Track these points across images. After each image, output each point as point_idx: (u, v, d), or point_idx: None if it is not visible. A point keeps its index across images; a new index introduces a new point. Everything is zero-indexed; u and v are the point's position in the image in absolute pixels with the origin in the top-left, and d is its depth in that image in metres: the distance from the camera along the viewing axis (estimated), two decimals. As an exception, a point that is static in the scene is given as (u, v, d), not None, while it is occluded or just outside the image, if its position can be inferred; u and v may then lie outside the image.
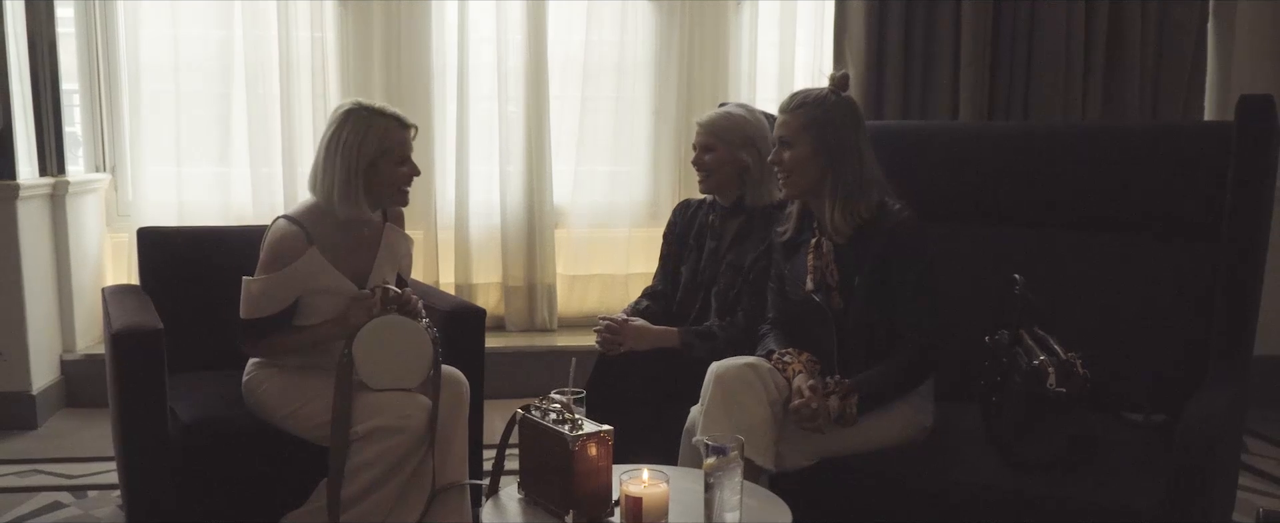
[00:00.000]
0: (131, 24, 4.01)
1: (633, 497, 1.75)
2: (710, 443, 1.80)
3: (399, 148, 2.43)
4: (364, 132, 2.39)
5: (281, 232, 2.41)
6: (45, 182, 3.78)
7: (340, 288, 2.43)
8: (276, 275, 2.38)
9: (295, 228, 2.41)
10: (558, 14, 4.24)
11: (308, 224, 2.42)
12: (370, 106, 2.44)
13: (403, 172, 2.45)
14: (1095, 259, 2.57)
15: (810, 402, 2.18)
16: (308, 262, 2.39)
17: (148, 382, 2.36)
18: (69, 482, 3.19)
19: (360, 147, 2.38)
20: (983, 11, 3.90)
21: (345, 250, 2.47)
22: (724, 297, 2.69)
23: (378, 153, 2.40)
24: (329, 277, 2.42)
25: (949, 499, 2.19)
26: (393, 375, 2.39)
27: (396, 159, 2.43)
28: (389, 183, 2.44)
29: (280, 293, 2.40)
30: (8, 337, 3.67)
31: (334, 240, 2.44)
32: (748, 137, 2.68)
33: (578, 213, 4.41)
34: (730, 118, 2.72)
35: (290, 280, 2.39)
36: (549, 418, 1.89)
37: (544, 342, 4.24)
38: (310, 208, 2.46)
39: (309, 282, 2.40)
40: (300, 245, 2.39)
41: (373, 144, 2.39)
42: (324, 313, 2.44)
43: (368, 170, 2.40)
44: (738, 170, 2.70)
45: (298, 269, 2.38)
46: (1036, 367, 2.12)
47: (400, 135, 2.44)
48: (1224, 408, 2.08)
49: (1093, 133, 2.82)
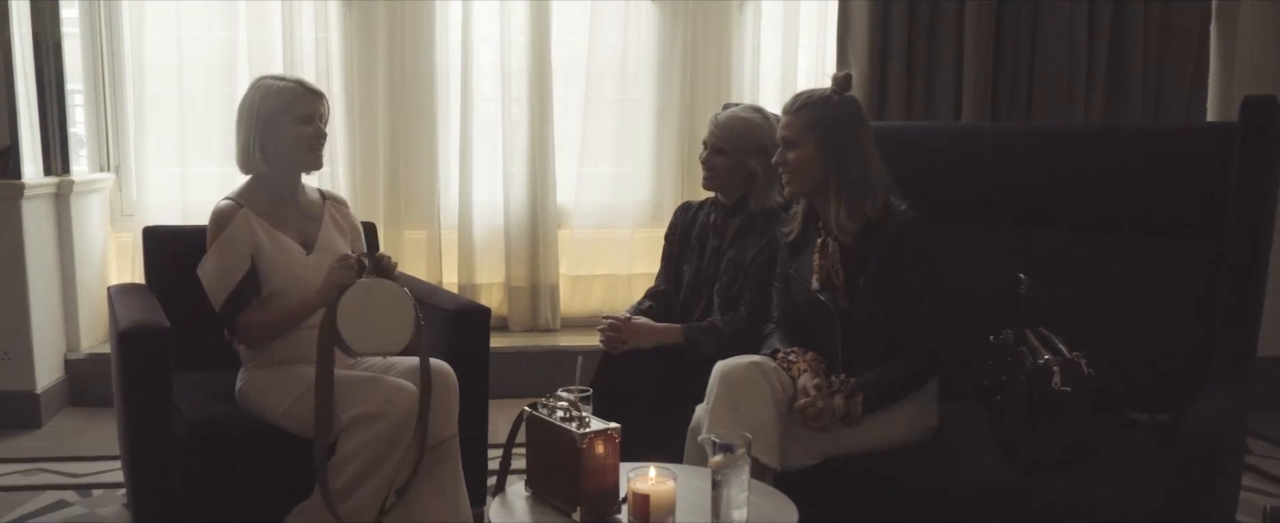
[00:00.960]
0: (136, 24, 4.01)
1: (640, 494, 1.76)
2: (718, 441, 1.80)
3: (299, 106, 2.50)
4: (262, 94, 2.50)
5: (216, 209, 2.53)
6: (50, 181, 3.79)
7: (285, 247, 2.52)
8: (220, 242, 2.47)
9: (226, 201, 2.53)
10: (561, 15, 4.25)
11: (239, 196, 2.54)
12: (273, 75, 2.58)
13: (307, 131, 2.51)
14: (1099, 259, 2.58)
15: (816, 401, 2.19)
16: (241, 222, 2.48)
17: (154, 380, 2.36)
18: (73, 481, 3.19)
19: (259, 107, 2.49)
20: (986, 12, 3.91)
21: (284, 218, 2.56)
22: (726, 293, 2.70)
23: (276, 112, 2.48)
24: (270, 236, 2.50)
25: (954, 498, 2.19)
26: (376, 340, 2.35)
27: (298, 118, 2.50)
28: (292, 140, 2.50)
29: (229, 262, 2.47)
30: (13, 336, 3.68)
31: (268, 209, 2.54)
32: (761, 144, 2.68)
33: (581, 213, 4.42)
34: (748, 124, 2.72)
35: (232, 245, 2.47)
36: (556, 416, 1.90)
37: (547, 342, 4.25)
38: (242, 187, 2.59)
39: (253, 243, 2.48)
40: (232, 211, 2.49)
41: (271, 103, 2.49)
42: (285, 277, 2.49)
43: (265, 129, 2.49)
44: (745, 175, 2.71)
45: (234, 232, 2.47)
46: (1042, 366, 2.12)
47: (302, 96, 2.51)
48: (1228, 408, 2.09)
49: (1097, 133, 2.84)
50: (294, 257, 2.53)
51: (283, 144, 2.50)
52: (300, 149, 2.52)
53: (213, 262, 2.48)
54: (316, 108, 2.53)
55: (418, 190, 4.23)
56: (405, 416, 2.37)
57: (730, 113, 2.76)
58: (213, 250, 2.48)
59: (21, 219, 3.62)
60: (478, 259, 4.32)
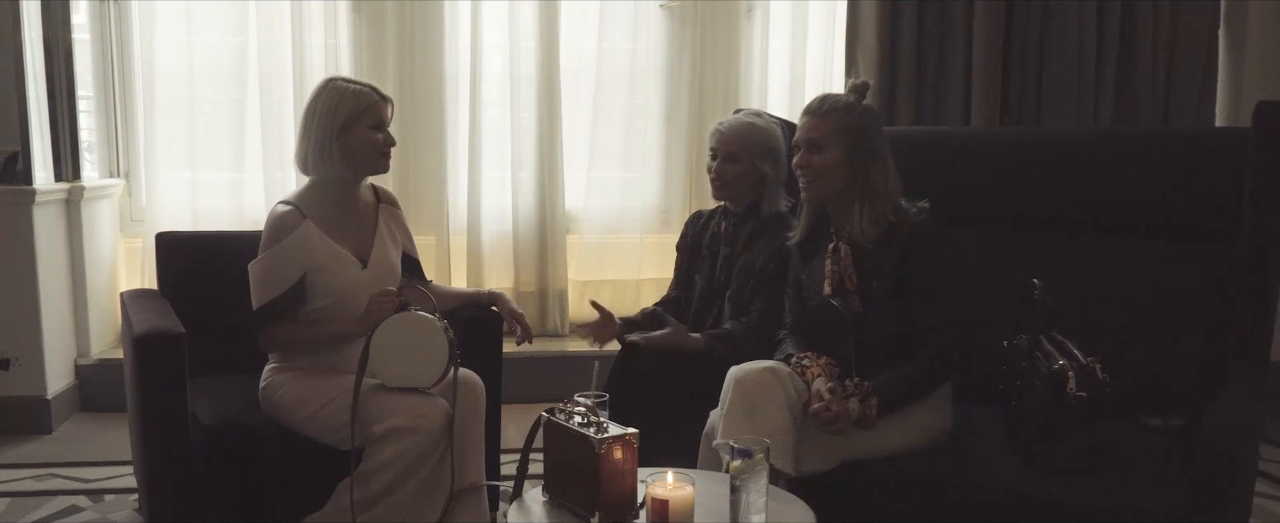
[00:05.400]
0: (146, 30, 4.02)
1: (659, 500, 1.76)
2: (737, 446, 1.80)
3: (373, 112, 2.50)
4: (338, 97, 2.49)
5: (276, 212, 2.51)
6: (61, 187, 3.79)
7: (342, 262, 2.50)
8: (276, 250, 2.46)
9: (288, 206, 2.50)
10: (570, 21, 4.26)
11: (300, 203, 2.51)
12: (345, 78, 2.55)
13: (378, 137, 2.52)
14: (1112, 264, 2.58)
15: (830, 405, 2.19)
16: (303, 234, 2.47)
17: (170, 386, 2.36)
18: (85, 486, 3.20)
19: (335, 110, 2.48)
20: (995, 17, 3.92)
21: (342, 227, 2.55)
22: (738, 299, 2.70)
23: (352, 115, 2.48)
24: (328, 250, 2.49)
25: (968, 503, 2.19)
26: (407, 373, 2.41)
27: (371, 123, 2.50)
28: (365, 146, 2.50)
29: (283, 270, 2.46)
30: (24, 341, 3.68)
31: (328, 216, 2.52)
32: (769, 148, 2.70)
33: (589, 218, 4.42)
34: (754, 129, 2.72)
35: (290, 254, 2.45)
36: (574, 421, 1.90)
37: (556, 347, 4.25)
38: (303, 190, 2.56)
39: (309, 255, 2.47)
40: (294, 220, 2.48)
41: (347, 107, 2.48)
42: (333, 293, 2.49)
43: (342, 133, 2.48)
44: (756, 180, 2.71)
45: (294, 242, 2.46)
46: (1057, 371, 2.13)
47: (377, 102, 2.51)
48: (1244, 413, 2.09)
49: (1110, 138, 2.84)
50: (349, 275, 2.52)
51: (356, 147, 2.50)
52: (372, 153, 2.53)
53: (263, 266, 2.47)
54: (387, 114, 2.55)
55: (426, 195, 4.24)
56: (438, 430, 2.38)
57: (734, 120, 2.76)
58: (266, 255, 2.47)
59: (33, 225, 3.63)
60: (486, 264, 4.32)
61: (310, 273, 2.48)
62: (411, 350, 2.39)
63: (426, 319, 2.40)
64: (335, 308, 2.50)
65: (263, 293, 2.46)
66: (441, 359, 2.40)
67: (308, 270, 2.48)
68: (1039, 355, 2.22)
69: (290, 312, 2.48)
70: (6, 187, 3.61)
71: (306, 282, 2.48)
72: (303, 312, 2.49)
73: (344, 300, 2.50)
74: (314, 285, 2.49)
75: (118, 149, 4.16)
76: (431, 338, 2.40)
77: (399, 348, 2.39)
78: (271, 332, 2.49)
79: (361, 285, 2.51)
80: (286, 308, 2.47)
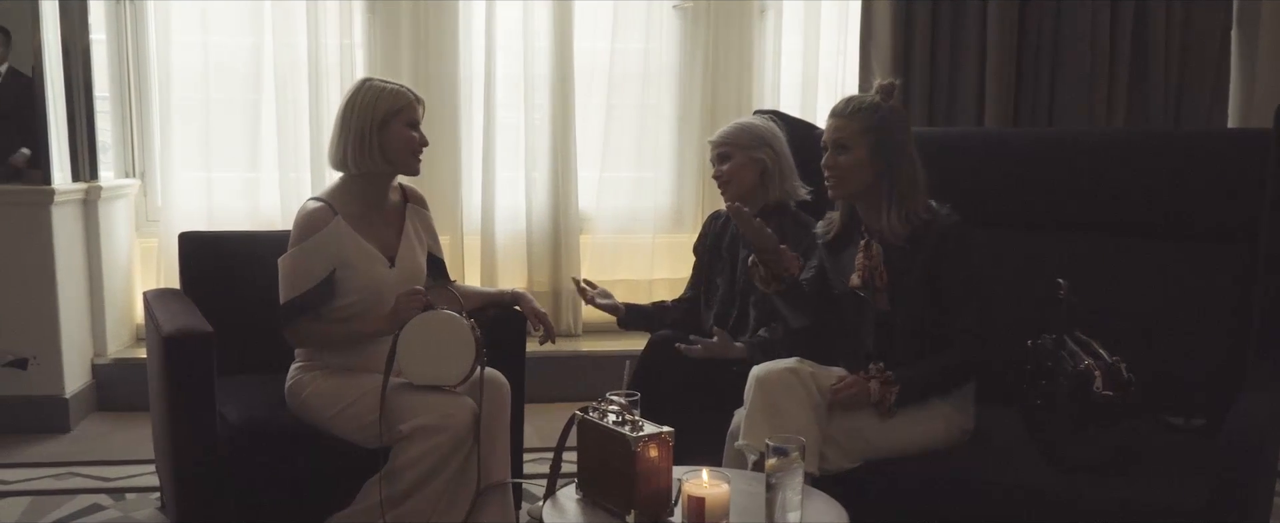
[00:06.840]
0: (162, 31, 4.02)
1: (695, 497, 1.77)
2: (773, 444, 1.82)
3: (409, 110, 2.54)
4: (376, 95, 2.52)
5: (307, 208, 2.54)
6: (78, 187, 3.80)
7: (370, 259, 2.53)
8: (306, 245, 2.48)
9: (319, 203, 2.54)
10: (583, 21, 4.27)
11: (331, 200, 2.54)
12: (380, 78, 2.59)
13: (414, 136, 2.55)
14: (1133, 264, 2.60)
15: (851, 385, 2.23)
16: (334, 230, 2.49)
17: (199, 385, 2.37)
18: (106, 484, 3.21)
19: (374, 106, 2.50)
20: (1008, 19, 3.93)
21: (371, 225, 2.57)
22: (762, 306, 2.71)
23: (390, 112, 2.51)
24: (357, 247, 2.51)
25: (992, 501, 2.20)
26: (433, 372, 2.43)
27: (407, 121, 2.53)
28: (402, 143, 2.53)
29: (312, 265, 2.48)
30: (41, 341, 3.69)
31: (358, 214, 2.55)
32: (760, 137, 2.77)
33: (602, 219, 4.44)
34: (739, 125, 2.83)
35: (320, 249, 2.48)
36: (608, 420, 1.91)
37: (569, 347, 4.26)
38: (333, 188, 2.59)
39: (339, 251, 2.49)
40: (326, 216, 2.50)
41: (385, 104, 2.51)
42: (360, 290, 2.51)
43: (381, 129, 2.50)
44: (757, 171, 2.74)
45: (325, 237, 2.48)
46: (1084, 371, 2.14)
47: (411, 102, 2.55)
48: (1265, 413, 2.10)
49: (1131, 139, 2.86)
50: (377, 272, 2.54)
51: (392, 145, 2.53)
52: (406, 152, 2.55)
53: (292, 260, 2.50)
54: (421, 114, 2.59)
55: (440, 195, 4.23)
56: (465, 429, 2.40)
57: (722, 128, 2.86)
58: (295, 250, 2.50)
59: (51, 225, 3.64)
60: (500, 264, 4.33)
61: (339, 269, 2.50)
62: (438, 349, 2.41)
63: (453, 318, 2.42)
64: (362, 305, 2.52)
65: (291, 287, 2.48)
66: (468, 358, 2.42)
67: (336, 266, 2.50)
68: (1064, 355, 2.23)
69: (318, 308, 2.49)
70: (25, 186, 3.63)
71: (335, 278, 2.50)
72: (330, 308, 2.51)
73: (371, 298, 2.52)
74: (342, 282, 2.50)
75: (133, 149, 4.17)
76: (458, 337, 2.42)
77: (425, 347, 2.41)
78: (298, 327, 2.50)
79: (389, 283, 2.53)
80: (314, 303, 2.48)
